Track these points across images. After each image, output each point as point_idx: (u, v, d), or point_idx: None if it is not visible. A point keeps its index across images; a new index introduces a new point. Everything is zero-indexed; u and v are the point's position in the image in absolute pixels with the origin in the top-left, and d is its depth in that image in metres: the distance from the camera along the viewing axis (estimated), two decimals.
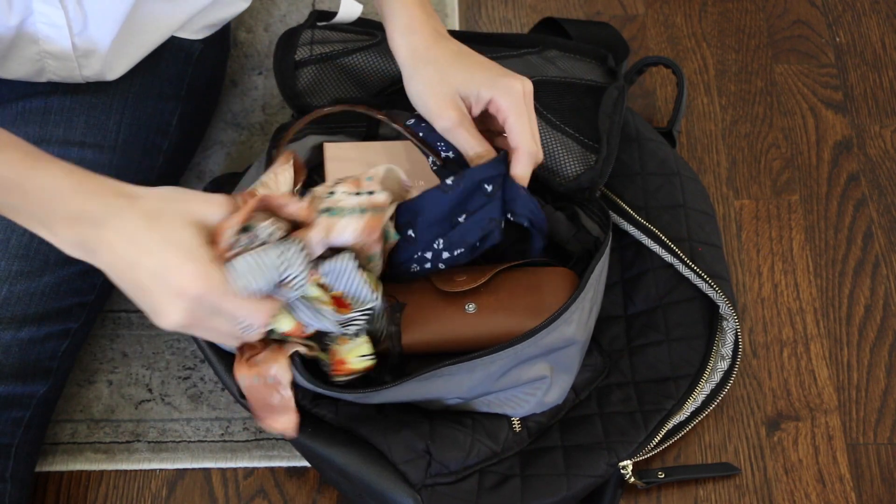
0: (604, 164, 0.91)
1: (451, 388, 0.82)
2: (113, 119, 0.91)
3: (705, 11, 1.22)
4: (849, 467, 0.94)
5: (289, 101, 0.95)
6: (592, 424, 0.89)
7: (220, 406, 0.96)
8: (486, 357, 0.80)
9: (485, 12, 1.21)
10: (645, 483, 0.89)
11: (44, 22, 0.82)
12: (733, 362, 0.92)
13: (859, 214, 1.08)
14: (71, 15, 0.82)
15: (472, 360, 0.80)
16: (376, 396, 0.81)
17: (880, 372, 0.99)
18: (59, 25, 0.82)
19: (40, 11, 0.81)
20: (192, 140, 1.04)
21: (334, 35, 0.97)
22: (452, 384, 0.82)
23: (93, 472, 0.93)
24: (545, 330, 0.80)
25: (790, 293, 1.03)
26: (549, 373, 0.84)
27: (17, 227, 0.83)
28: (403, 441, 0.83)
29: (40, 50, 0.85)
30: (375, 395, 0.81)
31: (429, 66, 0.84)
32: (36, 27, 0.82)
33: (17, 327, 0.82)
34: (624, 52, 1.04)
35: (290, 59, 0.94)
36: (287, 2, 1.20)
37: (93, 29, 0.84)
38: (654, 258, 0.96)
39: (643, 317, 0.95)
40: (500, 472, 0.86)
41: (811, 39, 1.20)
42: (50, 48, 0.84)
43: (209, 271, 0.69)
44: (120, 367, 0.97)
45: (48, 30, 0.83)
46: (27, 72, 0.88)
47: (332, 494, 0.92)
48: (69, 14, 0.82)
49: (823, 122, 1.14)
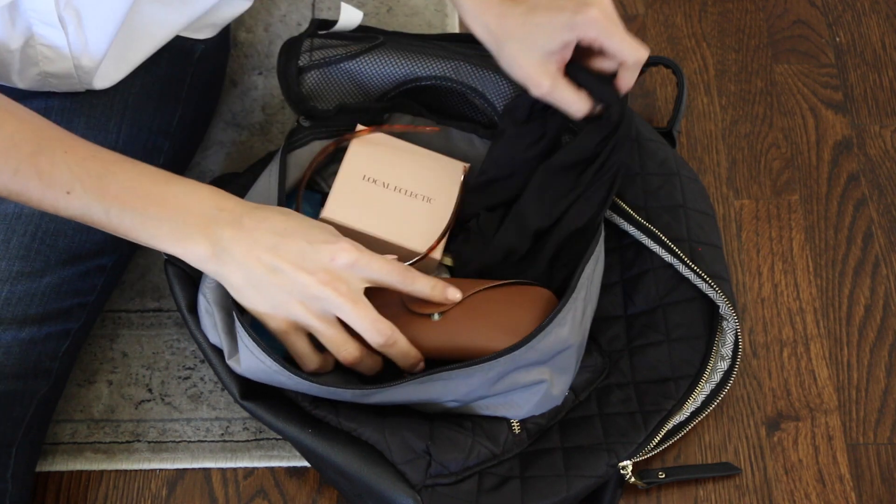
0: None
1: (448, 392, 0.83)
2: (113, 120, 0.91)
3: (705, 11, 1.22)
4: (849, 467, 0.94)
5: (293, 106, 0.95)
6: (592, 425, 0.89)
7: (220, 406, 0.96)
8: (483, 364, 0.80)
9: None
10: (645, 483, 0.89)
11: (44, 44, 0.82)
12: (733, 363, 0.92)
13: (859, 214, 1.08)
14: (71, 37, 0.82)
15: (469, 366, 0.80)
16: (375, 396, 0.81)
17: (880, 372, 0.99)
18: (59, 46, 0.82)
19: (41, 34, 0.81)
20: (192, 140, 1.04)
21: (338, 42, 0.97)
22: (450, 388, 0.82)
23: (93, 472, 0.93)
24: (541, 333, 0.80)
25: (790, 293, 1.03)
26: (548, 376, 0.84)
27: (18, 228, 0.83)
28: (403, 442, 0.83)
29: (41, 70, 0.85)
30: (374, 395, 0.81)
31: (508, 42, 0.84)
32: (37, 49, 0.83)
33: (18, 327, 0.82)
34: None
35: (294, 64, 0.94)
36: (287, 2, 1.20)
37: (93, 46, 0.84)
38: (654, 258, 0.96)
39: (643, 317, 0.95)
40: (500, 473, 0.86)
41: (811, 39, 1.20)
42: (51, 69, 0.85)
43: (356, 244, 0.76)
44: (120, 367, 0.97)
45: (49, 51, 0.83)
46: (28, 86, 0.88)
47: (332, 494, 0.92)
48: (69, 36, 0.82)
49: (823, 122, 1.14)
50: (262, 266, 0.74)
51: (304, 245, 0.74)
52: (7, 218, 0.83)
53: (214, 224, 0.74)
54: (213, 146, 1.09)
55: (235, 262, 0.74)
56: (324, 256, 0.74)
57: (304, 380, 0.79)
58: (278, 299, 0.75)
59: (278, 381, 0.81)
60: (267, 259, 0.74)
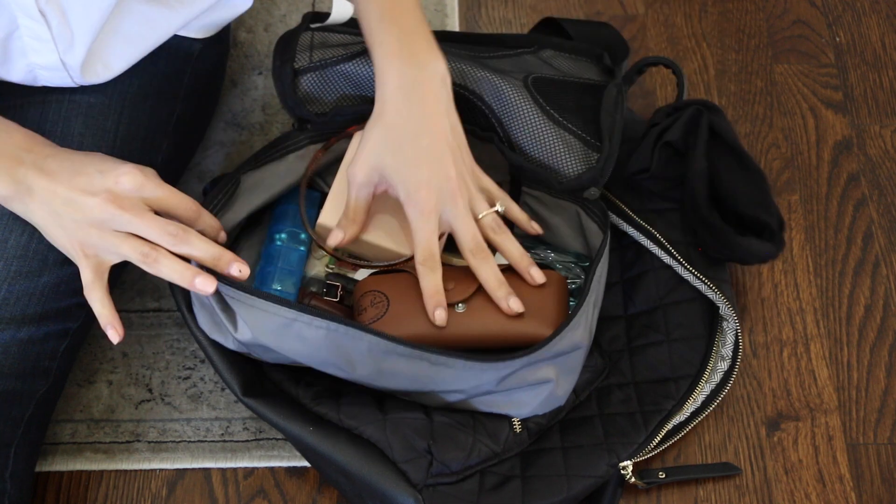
0: (605, 163, 0.91)
1: (458, 381, 0.82)
2: (111, 118, 0.91)
3: (705, 11, 1.22)
4: (849, 467, 0.94)
5: (289, 110, 0.95)
6: (592, 425, 0.89)
7: (220, 406, 0.95)
8: (499, 363, 0.80)
9: (485, 12, 1.21)
10: (645, 483, 0.89)
11: (30, 36, 0.82)
12: (733, 363, 0.92)
13: (859, 214, 1.08)
14: (55, 31, 0.82)
15: (485, 361, 0.80)
16: (389, 359, 0.81)
17: (880, 372, 0.99)
18: (44, 39, 0.82)
19: (25, 25, 0.81)
20: (191, 140, 1.04)
21: (333, 38, 0.97)
22: (460, 378, 0.82)
23: (93, 472, 0.93)
24: (557, 337, 0.81)
25: (790, 293, 1.03)
26: (554, 375, 0.84)
27: (16, 228, 0.83)
28: (405, 440, 0.83)
29: (29, 62, 0.85)
30: (389, 356, 0.80)
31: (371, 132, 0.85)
32: (23, 41, 0.83)
33: (17, 327, 0.82)
34: (624, 52, 1.04)
35: (289, 67, 0.94)
36: (287, 2, 1.20)
37: (79, 40, 0.83)
38: (654, 258, 0.96)
39: (643, 317, 0.95)
40: (501, 472, 0.86)
41: (811, 39, 1.20)
42: (39, 60, 0.85)
43: (144, 169, 0.79)
44: (120, 367, 0.97)
45: (35, 43, 0.83)
46: (21, 79, 0.88)
47: (332, 494, 0.92)
48: (53, 29, 0.82)
49: (823, 122, 1.14)
50: (59, 199, 0.78)
51: (94, 174, 0.78)
52: (4, 218, 0.83)
53: (20, 165, 0.78)
54: (213, 146, 1.09)
55: (37, 200, 0.78)
56: (109, 180, 0.77)
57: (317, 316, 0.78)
58: (77, 230, 0.78)
59: (289, 329, 0.80)
60: (62, 192, 0.78)
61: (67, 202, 0.77)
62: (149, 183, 0.78)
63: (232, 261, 0.79)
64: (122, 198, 0.77)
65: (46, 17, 0.80)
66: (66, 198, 0.77)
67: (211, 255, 0.79)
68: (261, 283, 0.93)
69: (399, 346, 0.79)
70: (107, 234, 0.78)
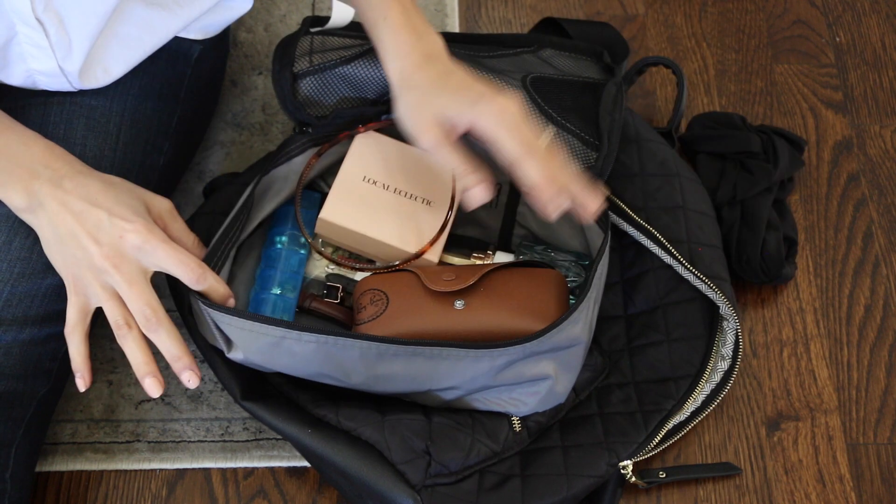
0: (604, 163, 0.91)
1: (454, 374, 0.82)
2: (113, 121, 0.91)
3: (705, 11, 1.22)
4: (849, 467, 0.94)
5: (289, 114, 0.95)
6: (592, 424, 0.89)
7: (220, 406, 0.96)
8: (493, 350, 0.80)
9: (485, 12, 1.21)
10: (646, 483, 0.89)
11: (28, 43, 0.82)
12: (733, 363, 0.92)
13: (859, 214, 1.08)
14: (53, 38, 0.82)
15: (479, 348, 0.80)
16: (382, 363, 0.80)
17: (880, 372, 0.99)
18: (42, 46, 0.82)
19: (23, 33, 0.81)
20: (192, 140, 1.04)
21: (332, 41, 0.97)
22: (457, 370, 0.81)
23: (93, 472, 0.93)
24: (555, 329, 0.80)
25: (790, 293, 1.03)
26: (553, 372, 0.84)
27: (20, 231, 0.83)
28: (403, 441, 0.83)
29: (28, 68, 0.85)
30: (382, 360, 0.80)
31: (412, 91, 0.85)
32: (22, 47, 0.83)
33: (19, 328, 0.82)
34: (624, 51, 1.04)
35: (288, 72, 0.94)
36: (287, 2, 1.20)
37: (77, 47, 0.83)
38: (654, 258, 0.96)
39: (643, 317, 0.95)
40: (501, 472, 0.86)
41: (811, 39, 1.20)
42: (37, 67, 0.85)
43: (153, 228, 0.79)
44: (120, 367, 0.97)
45: (33, 50, 0.83)
46: (20, 83, 0.88)
47: (332, 494, 0.92)
48: (51, 37, 0.82)
49: (823, 122, 1.14)
50: (66, 228, 0.78)
51: (103, 217, 0.78)
52: (9, 220, 0.83)
53: (36, 179, 0.78)
54: (213, 146, 1.09)
55: (46, 218, 0.79)
56: (115, 232, 0.78)
57: (307, 331, 0.78)
58: (74, 264, 0.79)
59: (278, 347, 0.80)
60: (70, 223, 0.78)
61: (72, 236, 0.78)
62: (149, 245, 0.78)
63: (184, 368, 0.80)
64: (122, 256, 0.78)
65: (44, 25, 0.80)
66: (72, 232, 0.78)
67: (170, 354, 0.80)
68: (261, 287, 0.93)
69: (391, 346, 0.79)
70: (98, 282, 0.79)
